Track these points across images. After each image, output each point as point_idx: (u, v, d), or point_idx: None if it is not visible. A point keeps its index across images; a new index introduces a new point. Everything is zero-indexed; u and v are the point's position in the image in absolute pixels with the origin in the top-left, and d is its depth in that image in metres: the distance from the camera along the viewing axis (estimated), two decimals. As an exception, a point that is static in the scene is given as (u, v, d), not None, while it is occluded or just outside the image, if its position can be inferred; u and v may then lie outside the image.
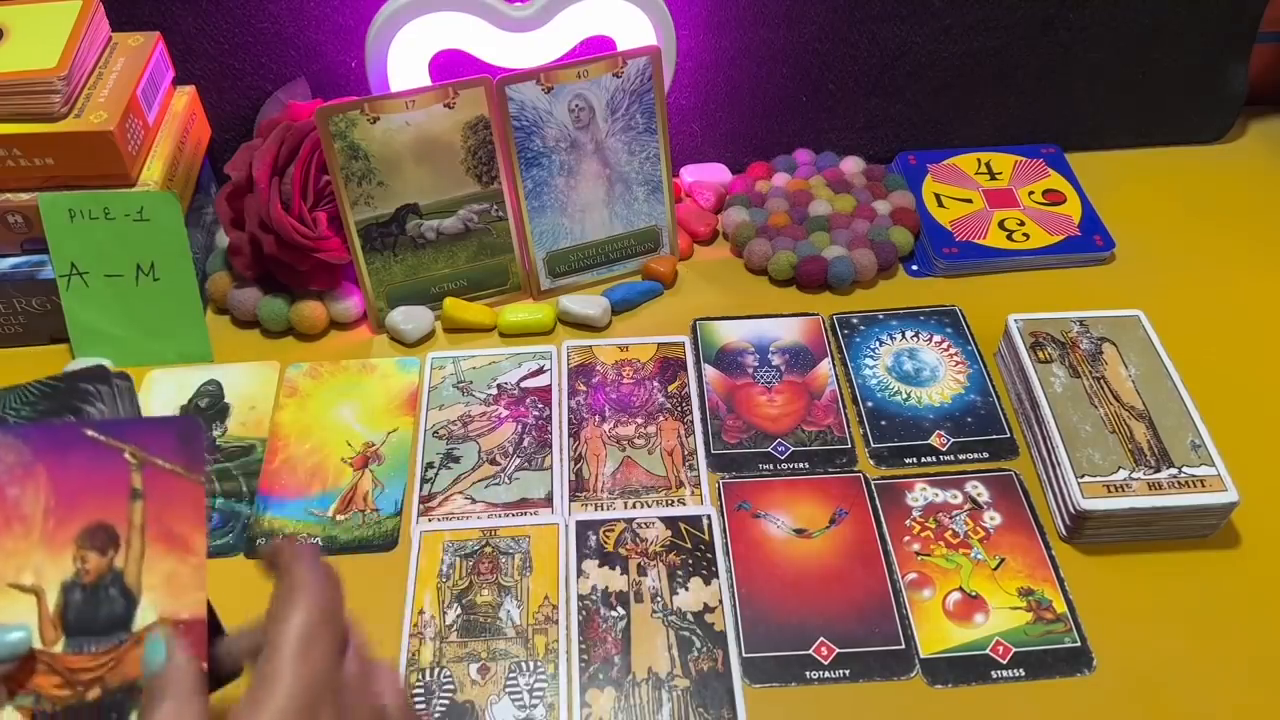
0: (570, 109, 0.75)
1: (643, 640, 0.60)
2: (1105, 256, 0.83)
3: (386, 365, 0.76)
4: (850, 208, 0.85)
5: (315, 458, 0.70)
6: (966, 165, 0.90)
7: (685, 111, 0.88)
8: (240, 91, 0.85)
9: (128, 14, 0.79)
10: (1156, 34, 0.88)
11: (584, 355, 0.76)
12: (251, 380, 0.75)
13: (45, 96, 0.69)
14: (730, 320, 0.79)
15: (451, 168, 0.75)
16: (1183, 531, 0.64)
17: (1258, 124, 0.96)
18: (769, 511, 0.66)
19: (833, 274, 0.80)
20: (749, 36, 0.85)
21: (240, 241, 0.76)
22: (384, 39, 0.77)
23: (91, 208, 0.72)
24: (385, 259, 0.76)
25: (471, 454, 0.70)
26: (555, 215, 0.79)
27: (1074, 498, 0.62)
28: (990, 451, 0.70)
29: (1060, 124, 0.92)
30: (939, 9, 0.85)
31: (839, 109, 0.90)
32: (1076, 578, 0.62)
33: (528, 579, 0.63)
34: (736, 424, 0.71)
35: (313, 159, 0.74)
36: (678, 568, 0.63)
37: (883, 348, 0.76)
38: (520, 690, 0.58)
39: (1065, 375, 0.69)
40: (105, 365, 0.73)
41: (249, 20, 0.81)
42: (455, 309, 0.78)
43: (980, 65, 0.88)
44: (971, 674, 0.58)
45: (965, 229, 0.84)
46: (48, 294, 0.74)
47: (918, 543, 0.64)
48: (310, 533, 0.65)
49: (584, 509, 0.66)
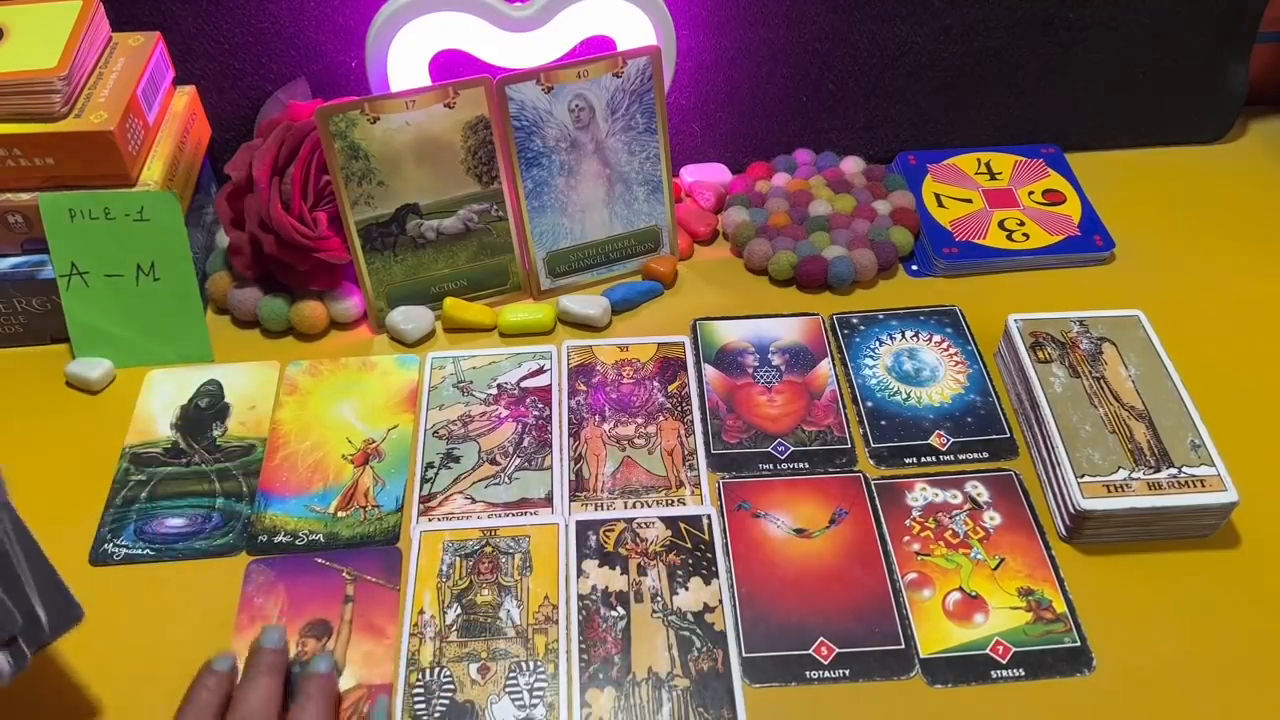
0: (570, 109, 0.75)
1: (643, 640, 0.60)
2: (1105, 256, 0.83)
3: (386, 362, 0.76)
4: (850, 208, 0.85)
5: (316, 455, 0.70)
6: (966, 165, 0.90)
7: (685, 111, 0.88)
8: (240, 91, 0.85)
9: (128, 14, 0.79)
10: (1156, 34, 0.88)
11: (584, 355, 0.76)
12: (251, 380, 0.75)
13: (45, 96, 0.69)
14: (730, 320, 0.79)
15: (451, 168, 0.75)
16: (1183, 531, 0.64)
17: (1258, 124, 0.96)
18: (769, 511, 0.66)
19: (833, 274, 0.80)
20: (749, 36, 0.85)
21: (240, 241, 0.76)
22: (384, 39, 0.77)
23: (91, 208, 0.72)
24: (385, 259, 0.76)
25: (471, 454, 0.70)
26: (555, 215, 0.79)
27: (1074, 498, 0.62)
28: (990, 451, 0.70)
29: (1060, 124, 0.92)
30: (939, 9, 0.85)
31: (839, 109, 0.90)
32: (1076, 578, 0.62)
33: (528, 579, 0.63)
34: (736, 424, 0.71)
35: (313, 159, 0.74)
36: (678, 567, 0.63)
37: (883, 348, 0.76)
38: (520, 690, 0.58)
39: (1065, 375, 0.69)
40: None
41: (249, 20, 0.81)
42: (455, 309, 0.78)
43: (980, 65, 0.88)
44: (971, 674, 0.58)
45: (965, 229, 0.84)
46: (48, 294, 0.74)
47: (918, 543, 0.64)
48: (312, 529, 0.66)
49: (584, 509, 0.67)
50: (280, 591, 0.62)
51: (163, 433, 0.71)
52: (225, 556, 0.64)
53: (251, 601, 0.62)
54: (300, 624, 0.61)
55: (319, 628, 0.60)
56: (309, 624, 0.61)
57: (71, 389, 0.75)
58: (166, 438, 0.71)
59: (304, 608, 0.61)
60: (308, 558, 0.64)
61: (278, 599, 0.62)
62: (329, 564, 0.64)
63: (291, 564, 0.64)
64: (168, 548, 0.65)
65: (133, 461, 0.70)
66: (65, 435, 0.71)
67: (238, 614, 0.61)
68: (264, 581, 0.63)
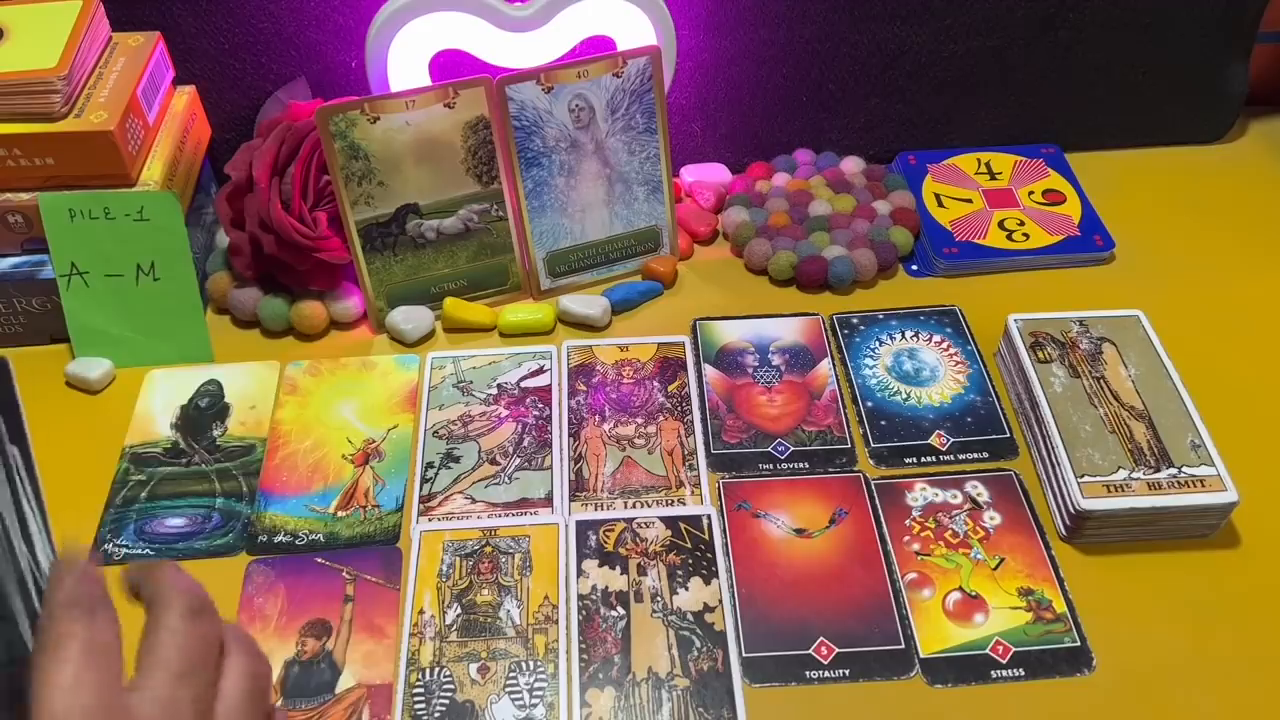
0: (570, 109, 0.75)
1: (643, 640, 0.60)
2: (1105, 256, 0.83)
3: (386, 362, 0.76)
4: (850, 208, 0.85)
5: (316, 454, 0.70)
6: (966, 165, 0.90)
7: (685, 111, 0.88)
8: (240, 91, 0.85)
9: (128, 14, 0.79)
10: (1156, 34, 0.88)
11: (584, 355, 0.76)
12: (251, 380, 0.75)
13: (45, 96, 0.69)
14: (730, 320, 0.79)
15: (451, 168, 0.75)
16: (1183, 531, 0.64)
17: (1258, 124, 0.96)
18: (769, 511, 0.66)
19: (833, 274, 0.80)
20: (749, 36, 0.85)
21: (240, 241, 0.76)
22: (384, 39, 0.77)
23: (92, 208, 0.72)
24: (385, 259, 0.76)
25: (471, 454, 0.70)
26: (555, 215, 0.79)
27: (1074, 498, 0.62)
28: (990, 451, 0.70)
29: (1060, 124, 0.92)
30: (939, 9, 0.85)
31: (839, 109, 0.90)
32: (1076, 578, 0.62)
33: (528, 579, 0.63)
34: (736, 424, 0.71)
35: (313, 159, 0.74)
36: (678, 567, 0.63)
37: (883, 348, 0.76)
38: (520, 690, 0.58)
39: (1065, 375, 0.69)
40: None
41: (249, 20, 0.81)
42: (455, 309, 0.78)
43: (980, 65, 0.88)
44: (971, 674, 0.58)
45: (965, 229, 0.84)
46: (48, 294, 0.74)
47: (917, 542, 0.64)
48: (312, 529, 0.66)
49: (584, 509, 0.66)
50: (280, 591, 0.62)
51: (163, 433, 0.71)
52: (225, 556, 0.64)
53: (251, 601, 0.62)
54: (300, 624, 0.61)
55: (319, 628, 0.60)
56: (309, 624, 0.61)
57: (71, 389, 0.75)
58: (166, 438, 0.71)
59: (304, 608, 0.61)
60: (308, 558, 0.64)
61: (278, 599, 0.62)
62: (329, 564, 0.64)
63: (291, 564, 0.64)
64: (168, 548, 0.65)
65: (133, 461, 0.70)
66: (65, 435, 0.71)
67: (238, 614, 0.61)
68: (264, 581, 0.63)
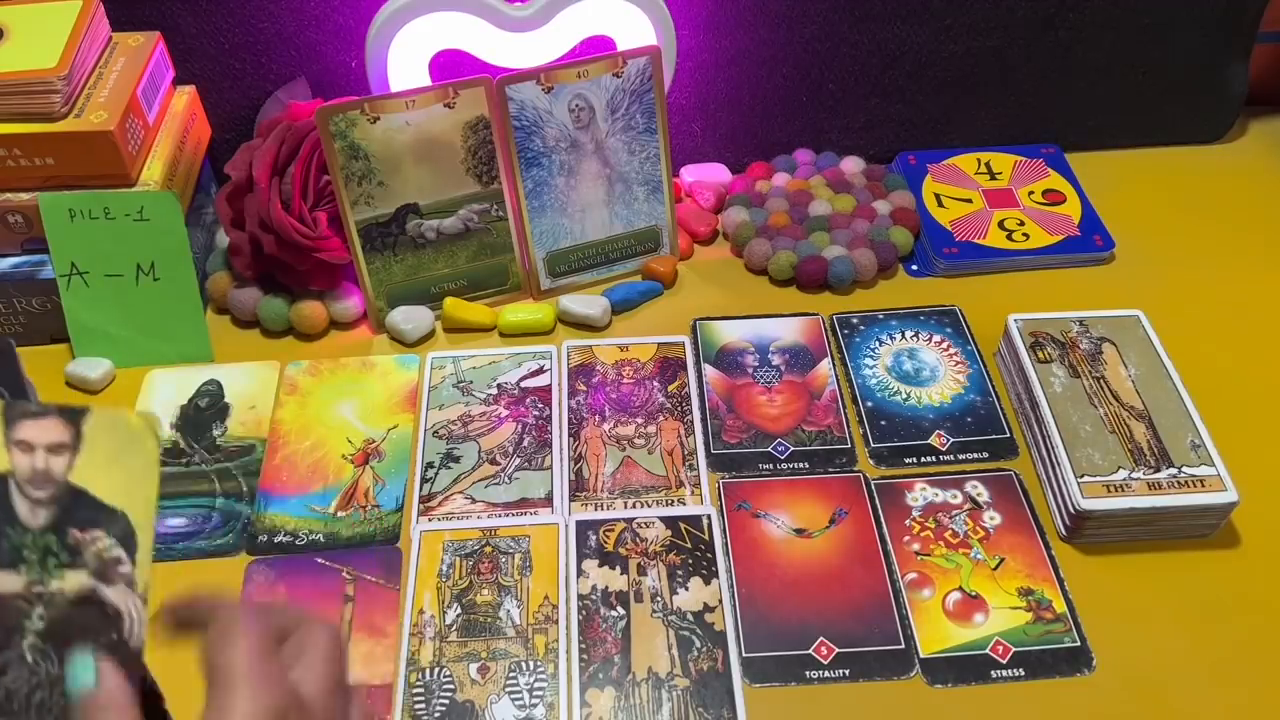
0: (570, 109, 0.75)
1: (643, 640, 0.60)
2: (1105, 256, 0.83)
3: (386, 362, 0.76)
4: (850, 208, 0.85)
5: (316, 454, 0.70)
6: (966, 165, 0.90)
7: (685, 111, 0.88)
8: (240, 91, 0.85)
9: (128, 14, 0.79)
10: (1156, 34, 0.88)
11: (584, 355, 0.76)
12: (251, 380, 0.75)
13: (45, 96, 0.69)
14: (730, 320, 0.79)
15: (451, 168, 0.75)
16: (1183, 531, 0.64)
17: (1258, 124, 0.96)
18: (769, 511, 0.66)
19: (833, 274, 0.80)
20: (749, 36, 0.85)
21: (240, 241, 0.76)
22: (384, 39, 0.77)
23: (92, 208, 0.72)
24: (385, 259, 0.76)
25: (471, 454, 0.70)
26: (555, 215, 0.79)
27: (1074, 498, 0.62)
28: (990, 451, 0.70)
29: (1060, 124, 0.92)
30: (939, 9, 0.85)
31: (839, 109, 0.90)
32: (1076, 578, 0.62)
33: (528, 579, 0.63)
34: (736, 424, 0.71)
35: (313, 159, 0.74)
36: (678, 567, 0.63)
37: (883, 348, 0.76)
38: (520, 690, 0.58)
39: (1065, 375, 0.69)
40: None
41: (249, 20, 0.81)
42: (455, 309, 0.78)
43: (980, 65, 0.88)
44: (971, 674, 0.58)
45: (965, 229, 0.84)
46: (48, 294, 0.74)
47: (917, 542, 0.64)
48: (312, 529, 0.66)
49: (584, 509, 0.66)
50: (280, 591, 0.62)
51: (163, 433, 0.71)
52: (225, 556, 0.64)
53: (252, 602, 0.62)
54: None
55: None
56: None
57: (71, 389, 0.75)
58: (166, 438, 0.71)
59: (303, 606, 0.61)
60: (308, 558, 0.64)
61: (278, 599, 0.62)
62: (329, 564, 0.64)
63: (291, 564, 0.64)
64: (168, 548, 0.65)
65: (133, 461, 0.70)
66: (65, 435, 0.71)
67: (238, 614, 0.61)
68: (264, 581, 0.63)
